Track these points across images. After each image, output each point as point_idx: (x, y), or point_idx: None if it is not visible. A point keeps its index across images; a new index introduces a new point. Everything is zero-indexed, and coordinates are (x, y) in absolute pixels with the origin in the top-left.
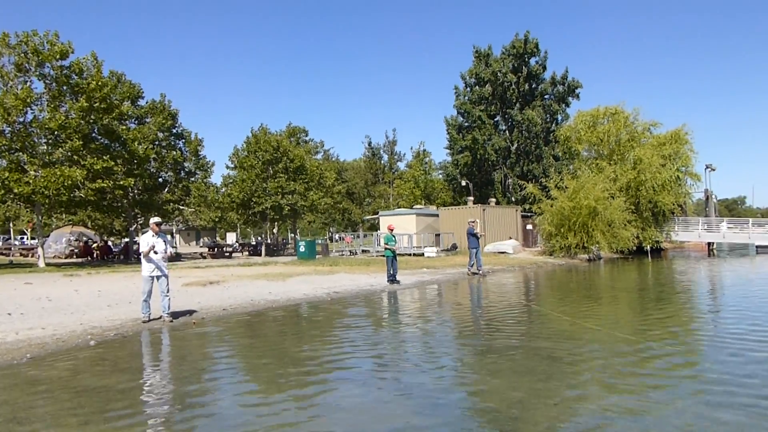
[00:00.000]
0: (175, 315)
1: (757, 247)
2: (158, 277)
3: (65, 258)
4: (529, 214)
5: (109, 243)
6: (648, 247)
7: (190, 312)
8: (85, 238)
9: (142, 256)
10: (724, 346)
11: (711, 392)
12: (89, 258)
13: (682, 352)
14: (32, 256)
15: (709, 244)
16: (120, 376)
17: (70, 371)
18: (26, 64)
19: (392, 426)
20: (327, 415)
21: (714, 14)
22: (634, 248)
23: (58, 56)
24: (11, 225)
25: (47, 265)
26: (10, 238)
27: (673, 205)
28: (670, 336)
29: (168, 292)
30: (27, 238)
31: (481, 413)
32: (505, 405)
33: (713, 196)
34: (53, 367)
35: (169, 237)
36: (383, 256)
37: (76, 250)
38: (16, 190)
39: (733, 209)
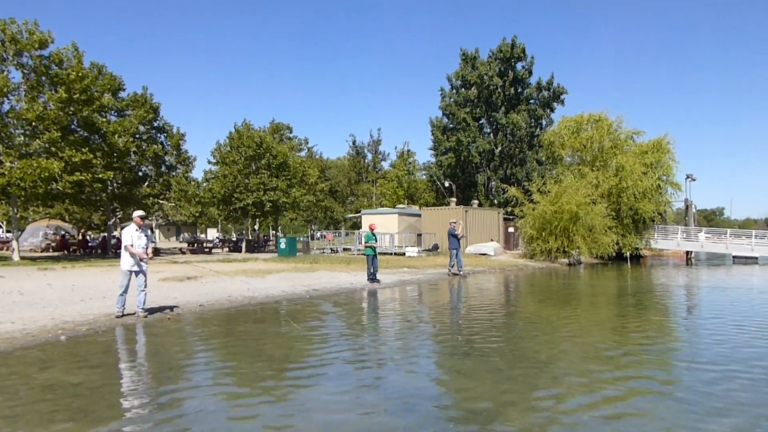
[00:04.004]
0: (150, 310)
1: (733, 257)
2: (137, 273)
3: (41, 251)
4: (511, 217)
5: (87, 237)
6: (627, 254)
7: (166, 308)
8: (62, 232)
9: (123, 249)
10: (701, 350)
11: (690, 401)
12: (66, 252)
13: (659, 356)
14: (7, 249)
15: (687, 252)
16: (90, 373)
17: (38, 367)
18: (3, 53)
19: (367, 426)
20: (300, 414)
21: (698, 27)
22: (614, 254)
23: (37, 45)
24: None
25: (22, 258)
26: None
27: (654, 213)
28: (648, 340)
29: (145, 287)
30: (2, 231)
31: (457, 414)
32: (480, 406)
33: (693, 206)
34: (20, 363)
35: (149, 232)
36: (364, 254)
37: (52, 244)
38: None
39: (712, 220)
